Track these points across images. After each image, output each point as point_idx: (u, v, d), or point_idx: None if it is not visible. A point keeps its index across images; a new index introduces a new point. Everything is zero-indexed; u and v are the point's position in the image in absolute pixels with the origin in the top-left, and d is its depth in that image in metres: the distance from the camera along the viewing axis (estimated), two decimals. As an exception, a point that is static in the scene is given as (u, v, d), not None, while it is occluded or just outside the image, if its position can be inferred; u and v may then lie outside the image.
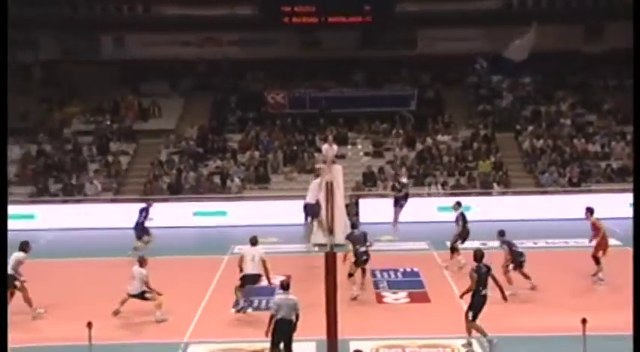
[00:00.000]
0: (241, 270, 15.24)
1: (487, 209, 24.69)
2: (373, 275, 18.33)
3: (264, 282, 17.24)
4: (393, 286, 17.51)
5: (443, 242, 21.56)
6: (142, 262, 15.28)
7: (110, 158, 29.74)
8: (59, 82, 34.00)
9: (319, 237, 21.11)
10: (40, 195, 27.85)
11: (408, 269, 18.87)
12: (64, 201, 27.56)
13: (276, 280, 17.76)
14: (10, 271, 15.25)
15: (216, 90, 33.60)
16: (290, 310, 12.03)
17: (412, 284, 17.66)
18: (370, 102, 32.08)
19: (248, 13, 32.39)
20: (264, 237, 22.43)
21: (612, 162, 28.63)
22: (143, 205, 21.32)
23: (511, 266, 16.57)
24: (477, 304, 13.09)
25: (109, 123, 31.68)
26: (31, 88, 33.31)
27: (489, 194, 27.37)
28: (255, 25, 32.32)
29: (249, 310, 15.83)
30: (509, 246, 16.68)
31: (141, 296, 15.05)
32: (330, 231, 16.38)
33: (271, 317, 12.13)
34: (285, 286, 12.43)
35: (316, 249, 20.63)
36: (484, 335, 13.13)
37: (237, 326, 14.87)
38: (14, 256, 15.50)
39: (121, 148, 30.54)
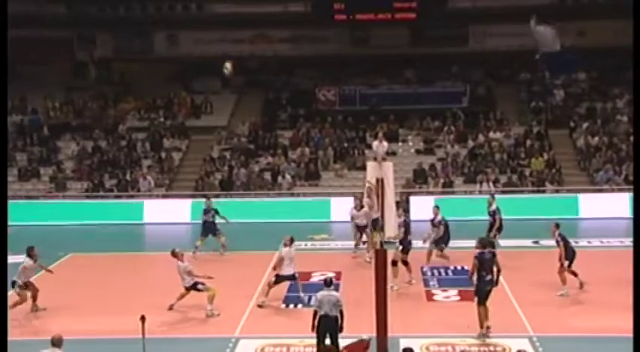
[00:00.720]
0: (275, 269, 15.75)
1: (539, 207, 24.37)
2: (423, 272, 18.27)
3: (314, 278, 17.38)
4: (443, 284, 17.42)
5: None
6: (178, 256, 15.42)
7: (163, 154, 30.15)
8: (114, 80, 34.61)
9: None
10: (96, 190, 28.40)
11: (459, 267, 18.72)
12: (118, 197, 28.05)
13: (328, 276, 17.96)
14: (15, 277, 15.44)
15: (267, 87, 33.79)
16: (332, 306, 12.13)
17: (462, 282, 17.48)
18: (421, 99, 31.92)
19: (300, 9, 32.46)
20: (314, 234, 22.63)
21: (670, 160, 27.94)
22: (205, 205, 21.06)
23: (566, 263, 16.31)
24: (480, 289, 13.64)
25: (162, 119, 32.10)
26: (86, 86, 33.98)
27: (542, 192, 26.99)
28: (306, 22, 32.39)
29: (300, 306, 15.92)
30: (565, 242, 16.40)
31: (194, 287, 15.22)
32: (381, 229, 16.30)
33: (314, 313, 12.24)
34: (328, 283, 12.48)
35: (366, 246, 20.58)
36: (482, 322, 13.54)
37: (287, 321, 14.96)
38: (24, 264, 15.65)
39: (173, 144, 30.93)
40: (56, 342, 10.38)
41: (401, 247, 16.82)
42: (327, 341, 12.10)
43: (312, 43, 33.44)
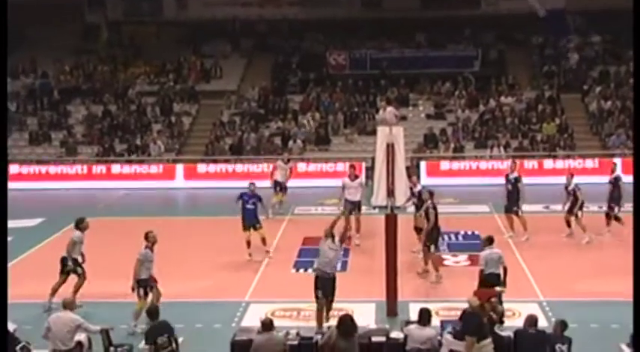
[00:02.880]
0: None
1: (551, 172, 24.26)
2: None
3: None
4: (454, 248, 17.44)
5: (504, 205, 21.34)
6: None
7: (173, 118, 30.10)
8: (124, 43, 34.45)
9: (380, 199, 21.06)
10: (106, 154, 28.44)
11: (469, 232, 18.73)
12: (129, 161, 28.09)
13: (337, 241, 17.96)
14: (64, 253, 14.09)
15: (277, 51, 33.55)
16: (496, 263, 12.52)
17: (473, 246, 17.43)
18: (432, 63, 31.64)
19: (310, -28, 32.15)
20: (324, 199, 22.65)
21: (683, 125, 27.71)
22: (244, 189, 17.26)
23: (579, 213, 17.37)
24: (436, 237, 15.11)
25: (172, 84, 31.98)
26: (96, 49, 33.85)
27: (554, 157, 26.85)
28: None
29: (310, 271, 15.97)
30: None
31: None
32: (391, 194, 16.28)
33: (481, 271, 12.59)
34: (491, 240, 12.88)
35: (377, 210, 20.61)
36: (436, 269, 14.82)
37: (297, 286, 15.00)
38: (72, 237, 14.27)
39: (183, 109, 30.86)
40: (68, 305, 10.48)
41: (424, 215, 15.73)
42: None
43: (322, 6, 33.13)
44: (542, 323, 11.27)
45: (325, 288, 12.25)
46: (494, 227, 19.29)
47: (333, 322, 10.41)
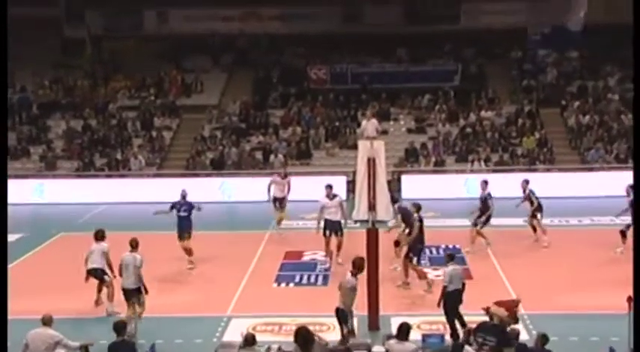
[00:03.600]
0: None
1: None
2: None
3: (306, 257, 17.37)
4: (435, 262, 17.43)
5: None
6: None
7: (154, 133, 30.01)
8: (103, 58, 34.34)
9: (361, 213, 21.07)
10: (86, 169, 28.26)
11: (450, 246, 18.75)
12: (109, 176, 27.93)
13: (318, 256, 17.99)
14: (99, 265, 14.24)
15: (257, 66, 33.60)
16: (460, 280, 12.60)
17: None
18: (413, 77, 31.81)
19: (290, -13, 32.29)
20: (305, 213, 22.61)
21: (661, 139, 27.99)
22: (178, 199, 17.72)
23: (539, 215, 18.43)
24: (419, 250, 15.37)
25: (152, 98, 31.91)
26: (76, 64, 33.71)
27: (534, 171, 27.02)
28: (296, 0, 32.16)
29: (291, 285, 15.95)
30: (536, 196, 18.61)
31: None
32: (372, 208, 16.31)
33: (444, 288, 12.48)
34: (452, 257, 12.93)
35: (357, 225, 20.60)
36: (424, 278, 15.16)
37: (279, 300, 14.98)
38: (98, 248, 14.36)
39: (164, 123, 30.79)
40: (46, 321, 10.36)
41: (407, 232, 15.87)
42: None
43: (303, 20, 33.27)
44: (524, 336, 11.31)
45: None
46: (476, 241, 19.36)
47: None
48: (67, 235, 20.98)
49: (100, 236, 14.48)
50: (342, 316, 11.78)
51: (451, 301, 12.33)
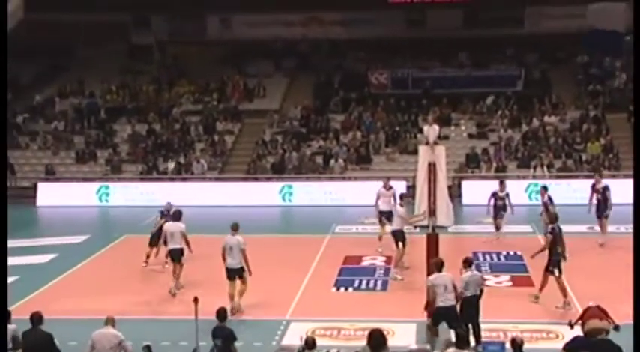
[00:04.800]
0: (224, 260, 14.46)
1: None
2: (475, 257, 18.10)
3: (365, 262, 17.35)
4: (496, 269, 17.27)
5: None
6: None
7: (216, 137, 30.41)
8: (167, 63, 34.99)
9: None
10: (150, 173, 28.83)
11: (511, 253, 18.55)
12: (172, 179, 28.43)
13: (377, 261, 18.00)
14: (180, 245, 15.49)
15: (319, 71, 33.75)
16: (477, 286, 12.24)
17: (515, 267, 17.36)
18: (475, 82, 31.52)
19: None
20: (365, 218, 22.64)
21: None
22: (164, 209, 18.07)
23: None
24: (555, 261, 14.31)
25: (215, 103, 32.35)
26: (142, 69, 34.43)
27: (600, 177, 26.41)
28: (358, 5, 32.21)
29: (350, 290, 15.98)
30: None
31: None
32: (432, 213, 16.24)
33: (460, 294, 12.01)
34: (469, 262, 12.42)
35: (417, 230, 20.51)
36: (564, 295, 14.15)
37: (338, 305, 15.01)
38: (177, 226, 15.60)
39: (226, 128, 31.17)
40: (110, 321, 10.63)
41: None
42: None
43: (364, 25, 33.29)
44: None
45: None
46: (538, 247, 19.05)
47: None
48: (131, 237, 21.42)
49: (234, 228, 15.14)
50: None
51: (467, 307, 12.07)
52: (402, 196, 18.15)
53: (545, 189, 19.25)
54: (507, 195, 19.98)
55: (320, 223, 22.55)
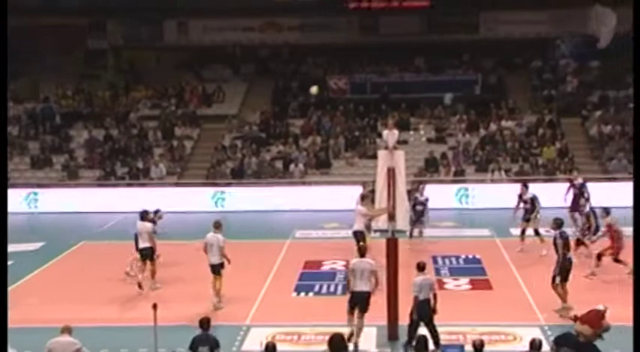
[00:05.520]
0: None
1: (552, 196, 24.22)
2: (434, 261, 18.26)
3: (325, 267, 17.37)
4: (455, 272, 17.41)
5: (506, 229, 21.39)
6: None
7: (174, 142, 30.20)
8: (123, 68, 34.65)
9: (380, 223, 21.03)
10: (107, 178, 28.49)
11: (470, 256, 18.72)
12: (129, 185, 28.12)
13: (337, 265, 18.03)
14: (149, 244, 15.88)
15: (277, 76, 33.74)
16: (429, 290, 12.36)
17: (474, 271, 17.54)
18: (432, 87, 31.78)
19: (310, -3, 32.43)
20: (325, 222, 22.68)
21: (683, 149, 27.80)
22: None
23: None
24: (565, 268, 13.97)
25: (173, 108, 32.13)
26: (98, 74, 34.04)
27: (554, 181, 26.87)
28: (316, 10, 32.30)
29: (311, 294, 15.97)
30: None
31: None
32: (392, 217, 16.29)
33: (415, 298, 12.29)
34: (421, 267, 12.61)
35: (377, 234, 20.59)
36: (564, 301, 13.86)
37: (298, 310, 14.99)
38: (144, 226, 16.00)
39: (185, 133, 30.97)
40: (66, 330, 10.47)
41: None
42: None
43: (323, 31, 33.35)
44: (546, 348, 11.23)
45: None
46: (496, 250, 19.33)
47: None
48: (89, 243, 21.14)
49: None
50: None
51: (421, 311, 12.22)
52: (362, 197, 18.35)
53: (525, 186, 19.54)
54: (532, 198, 19.38)
55: (281, 228, 22.50)
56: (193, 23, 34.06)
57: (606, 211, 17.13)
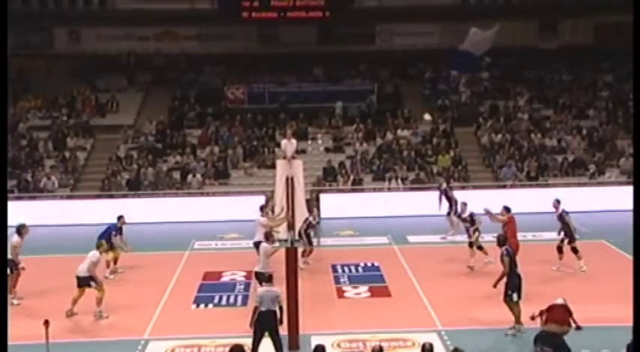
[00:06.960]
0: None
1: (447, 204, 24.82)
2: (334, 269, 18.36)
3: (225, 278, 17.18)
4: (354, 280, 17.53)
5: (403, 236, 21.77)
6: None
7: (67, 154, 29.28)
8: (12, 76, 33.32)
9: (281, 232, 21.00)
10: (-5, 191, 27.30)
11: (369, 264, 18.91)
12: (19, 198, 27.03)
13: (238, 275, 17.88)
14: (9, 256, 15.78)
15: (174, 85, 33.29)
16: (272, 302, 12.14)
17: (373, 278, 17.71)
18: (330, 96, 32.07)
19: (206, 7, 32.16)
20: (224, 233, 22.45)
21: (568, 156, 29.06)
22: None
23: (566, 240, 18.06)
24: (516, 284, 13.59)
25: (65, 118, 31.17)
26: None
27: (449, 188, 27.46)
28: (213, 20, 32.09)
29: (210, 306, 15.75)
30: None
31: (87, 283, 14.91)
32: (291, 227, 16.31)
33: (255, 309, 12.19)
34: (267, 279, 12.52)
35: (277, 244, 20.54)
36: (518, 321, 13.51)
37: (198, 322, 14.76)
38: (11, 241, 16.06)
39: (78, 144, 30.07)
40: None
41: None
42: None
43: (220, 40, 33.18)
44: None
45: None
46: (394, 258, 19.60)
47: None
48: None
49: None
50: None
51: (263, 322, 12.09)
52: (261, 208, 18.29)
53: (558, 201, 18.47)
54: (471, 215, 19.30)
55: (178, 239, 22.13)
56: (85, 31, 33.22)
57: (506, 209, 17.77)
